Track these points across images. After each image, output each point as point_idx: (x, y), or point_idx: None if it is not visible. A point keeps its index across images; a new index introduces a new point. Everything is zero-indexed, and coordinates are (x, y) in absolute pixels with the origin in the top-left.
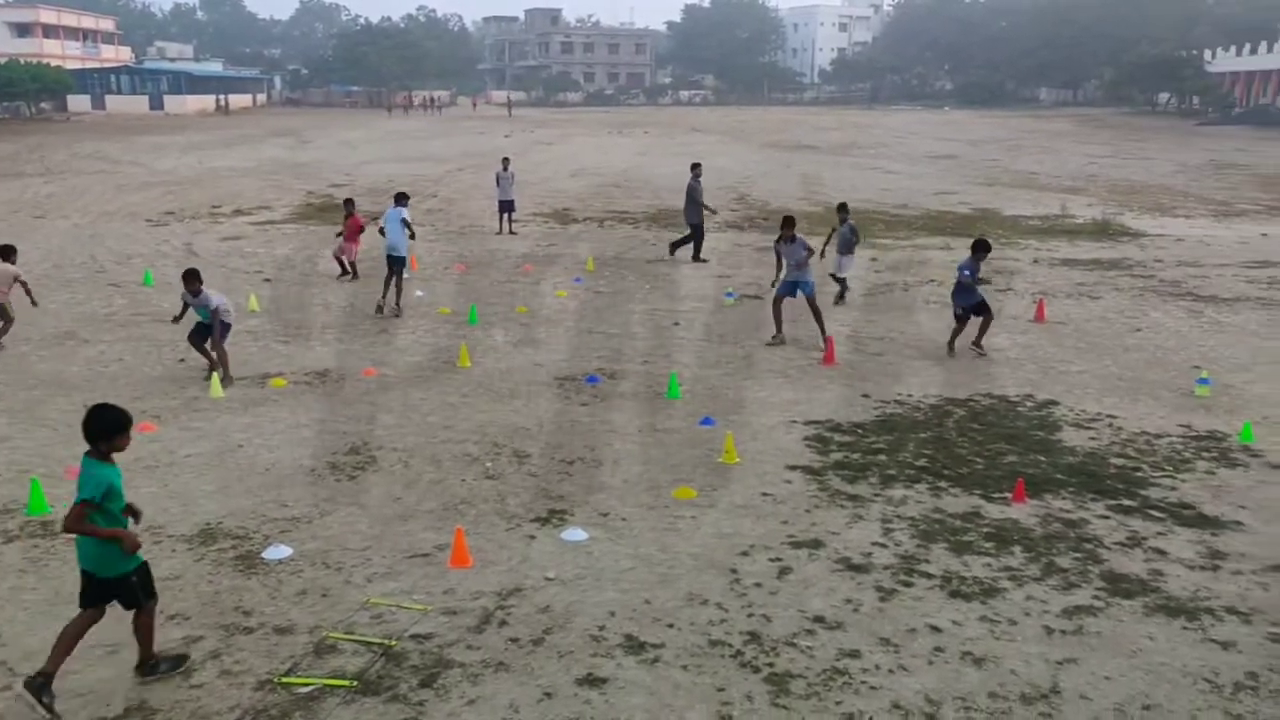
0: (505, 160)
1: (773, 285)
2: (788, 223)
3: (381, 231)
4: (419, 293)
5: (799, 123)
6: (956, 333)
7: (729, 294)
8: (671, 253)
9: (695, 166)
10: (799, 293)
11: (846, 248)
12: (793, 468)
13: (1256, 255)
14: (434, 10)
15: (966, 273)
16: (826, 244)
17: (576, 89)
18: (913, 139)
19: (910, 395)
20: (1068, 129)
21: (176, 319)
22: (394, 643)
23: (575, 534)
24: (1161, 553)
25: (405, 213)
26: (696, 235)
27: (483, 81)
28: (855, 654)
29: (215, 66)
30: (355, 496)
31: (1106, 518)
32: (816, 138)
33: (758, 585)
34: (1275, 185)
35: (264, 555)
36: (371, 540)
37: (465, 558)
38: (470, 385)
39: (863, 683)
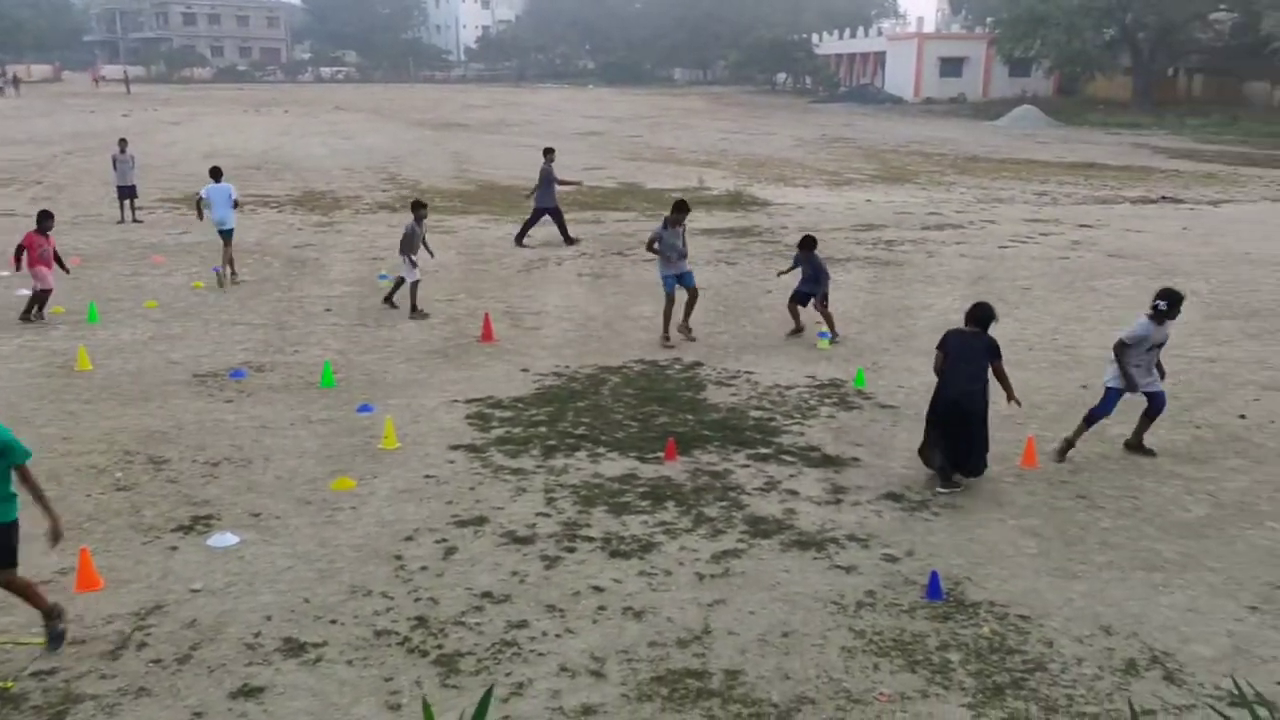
0: (123, 142)
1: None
2: (679, 206)
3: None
4: (22, 290)
5: (448, 100)
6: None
7: (382, 276)
8: (519, 243)
9: (548, 151)
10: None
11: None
12: (455, 447)
13: (863, 219)
14: None
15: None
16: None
17: (205, 64)
18: (560, 116)
19: (568, 366)
20: (700, 106)
21: None
22: (10, 684)
23: (224, 539)
24: (794, 493)
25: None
26: (555, 218)
27: (91, 55)
28: (523, 624)
29: None
30: None
31: (747, 466)
32: (466, 115)
33: (424, 569)
34: (876, 156)
35: None
36: None
37: (94, 579)
38: (93, 390)
39: (531, 650)
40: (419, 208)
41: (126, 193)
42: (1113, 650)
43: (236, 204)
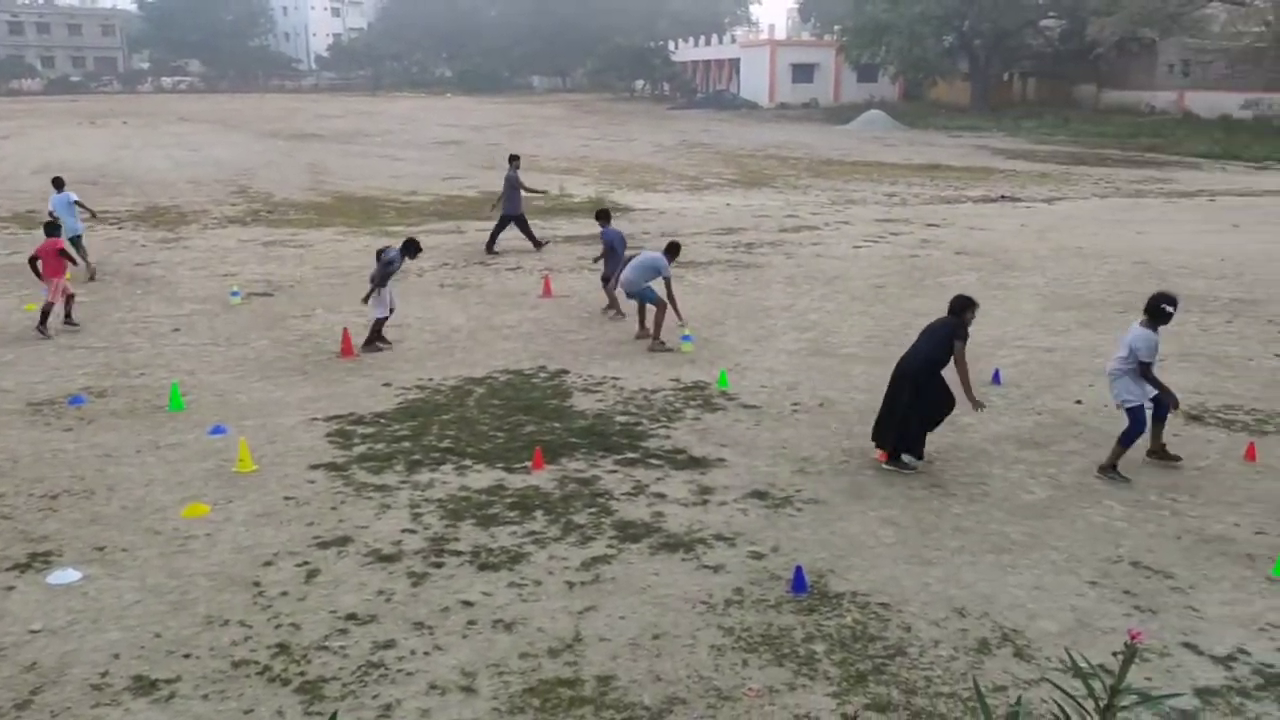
0: None
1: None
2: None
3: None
4: None
5: (300, 110)
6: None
7: (234, 293)
8: (490, 249)
9: (514, 158)
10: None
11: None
12: (315, 466)
13: (723, 223)
14: None
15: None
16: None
17: (34, 75)
18: (418, 126)
19: (431, 379)
20: (560, 114)
21: None
22: None
23: (66, 575)
24: (661, 496)
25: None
26: (520, 224)
27: None
28: (390, 644)
29: None
30: None
31: (615, 472)
32: (320, 125)
33: (284, 594)
34: (733, 161)
35: None
36: None
37: None
38: None
39: (399, 670)
40: (411, 247)
41: None
42: (966, 631)
43: (92, 213)
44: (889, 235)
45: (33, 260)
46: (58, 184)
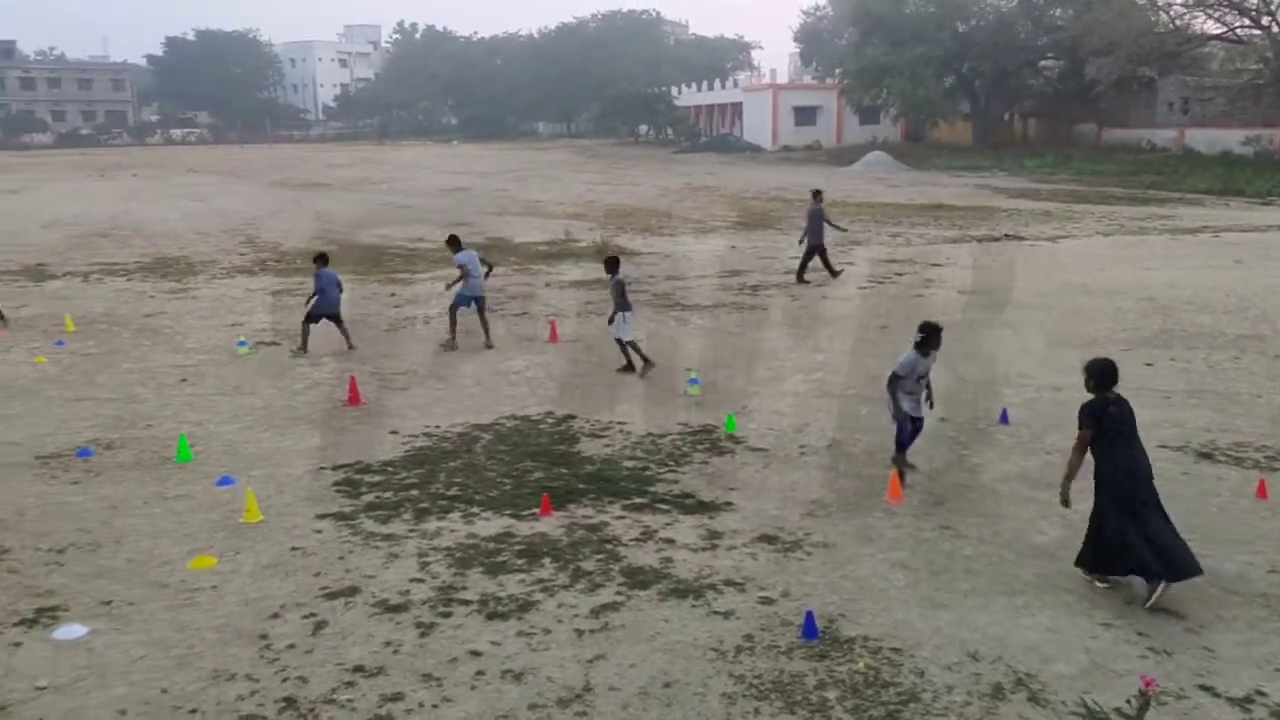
0: None
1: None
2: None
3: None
4: None
5: (308, 160)
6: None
7: (242, 343)
8: (800, 279)
9: (817, 194)
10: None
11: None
12: (323, 516)
13: (728, 266)
14: None
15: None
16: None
17: (45, 129)
18: (425, 173)
19: (438, 426)
20: (565, 159)
21: None
22: None
23: (71, 630)
24: (670, 541)
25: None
26: (822, 255)
27: None
28: (398, 696)
29: None
30: None
31: (623, 517)
32: (328, 174)
33: (291, 647)
34: (738, 204)
35: None
36: None
37: None
38: None
39: None
40: (613, 262)
41: None
42: (980, 675)
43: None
44: (894, 275)
45: None
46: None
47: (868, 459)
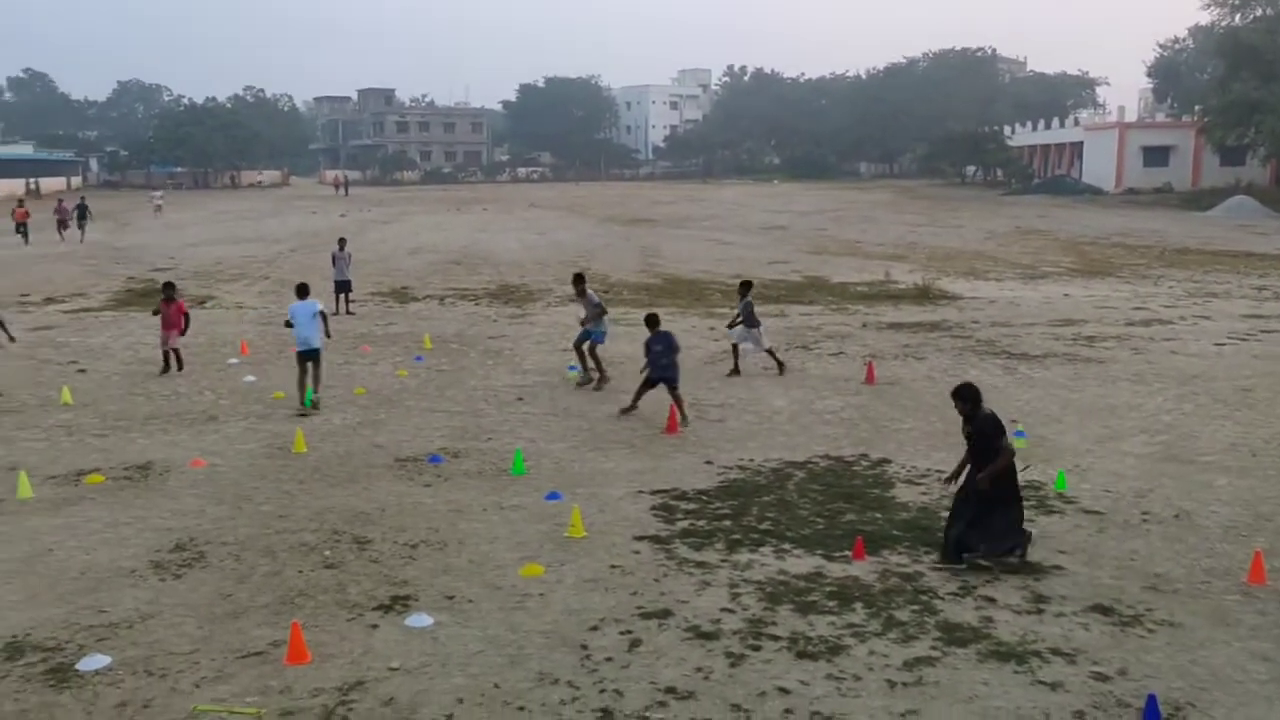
0: (341, 240)
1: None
2: (577, 279)
3: (288, 324)
4: (249, 378)
5: (636, 197)
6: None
7: (572, 367)
8: None
9: None
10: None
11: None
12: (640, 538)
13: (1060, 314)
14: (262, 90)
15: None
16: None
17: (414, 167)
18: (745, 211)
19: (752, 460)
20: (887, 199)
21: None
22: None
23: (420, 619)
24: (991, 600)
25: (319, 305)
26: None
27: (316, 161)
28: None
29: (25, 149)
30: (182, 596)
31: (940, 569)
32: (654, 211)
33: (609, 660)
34: (1073, 249)
35: (78, 666)
36: (199, 642)
37: (303, 653)
38: (306, 471)
39: None
40: (746, 287)
41: (343, 287)
42: None
43: (325, 319)
44: (1259, 333)
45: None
46: (302, 291)
47: (1224, 534)
